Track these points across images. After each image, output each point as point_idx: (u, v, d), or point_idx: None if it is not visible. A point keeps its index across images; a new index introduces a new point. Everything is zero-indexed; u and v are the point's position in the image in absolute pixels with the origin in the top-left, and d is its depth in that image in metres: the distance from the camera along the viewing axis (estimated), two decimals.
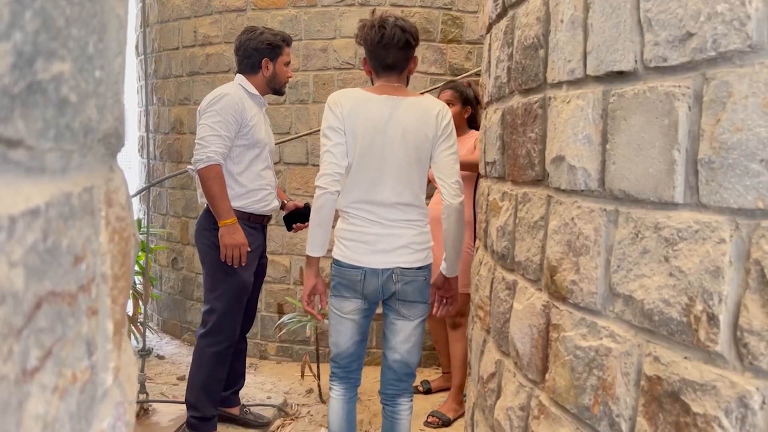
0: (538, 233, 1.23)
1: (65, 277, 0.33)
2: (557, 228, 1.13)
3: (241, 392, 3.03)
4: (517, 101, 1.36)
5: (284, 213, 2.96)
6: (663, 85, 0.86)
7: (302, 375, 3.57)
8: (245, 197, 2.66)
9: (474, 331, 1.75)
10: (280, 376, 3.78)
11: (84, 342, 0.36)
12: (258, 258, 2.79)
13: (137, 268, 3.48)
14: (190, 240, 4.20)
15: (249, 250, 2.61)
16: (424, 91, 3.64)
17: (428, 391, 3.54)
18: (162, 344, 4.41)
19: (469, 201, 3.18)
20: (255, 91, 2.71)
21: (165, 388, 3.41)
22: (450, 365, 3.32)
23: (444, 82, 3.41)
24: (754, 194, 0.73)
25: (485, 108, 1.75)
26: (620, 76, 0.95)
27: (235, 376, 2.92)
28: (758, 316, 0.71)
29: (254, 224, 2.72)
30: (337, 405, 2.26)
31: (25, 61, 0.28)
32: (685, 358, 0.81)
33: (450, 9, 3.87)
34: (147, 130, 4.01)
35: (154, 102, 4.62)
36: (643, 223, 0.90)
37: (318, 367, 3.37)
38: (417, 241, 2.14)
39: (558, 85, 1.15)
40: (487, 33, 1.69)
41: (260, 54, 2.70)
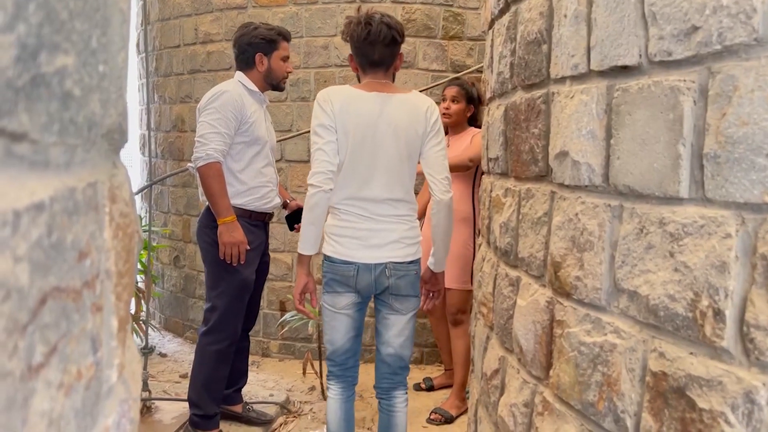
0: (542, 229, 1.23)
1: (70, 273, 0.32)
2: (561, 224, 1.13)
3: (244, 390, 3.03)
4: (520, 97, 1.35)
5: (286, 213, 2.95)
6: (668, 80, 0.85)
7: (304, 372, 3.57)
8: (246, 194, 2.65)
9: (477, 328, 1.74)
10: (283, 374, 3.78)
11: (89, 338, 0.35)
12: (260, 256, 2.78)
13: (139, 266, 3.48)
14: (192, 238, 4.21)
15: (249, 249, 2.60)
16: (425, 88, 3.64)
17: (431, 389, 3.54)
18: (164, 342, 4.42)
19: (467, 197, 3.17)
20: (254, 88, 2.69)
21: (168, 386, 3.41)
22: (452, 362, 3.32)
23: (448, 79, 3.40)
24: (761, 188, 0.72)
25: (488, 104, 1.74)
26: (624, 71, 0.95)
27: (238, 374, 2.92)
28: (765, 311, 0.71)
29: (256, 222, 2.71)
30: (335, 405, 2.26)
31: (29, 54, 0.28)
32: (691, 354, 0.80)
33: (451, 5, 3.86)
34: (148, 128, 4.00)
35: (156, 100, 4.61)
36: (648, 219, 0.89)
37: (320, 365, 3.37)
38: (408, 236, 2.17)
39: (561, 81, 1.14)
40: (490, 29, 1.68)
41: (254, 49, 2.68)
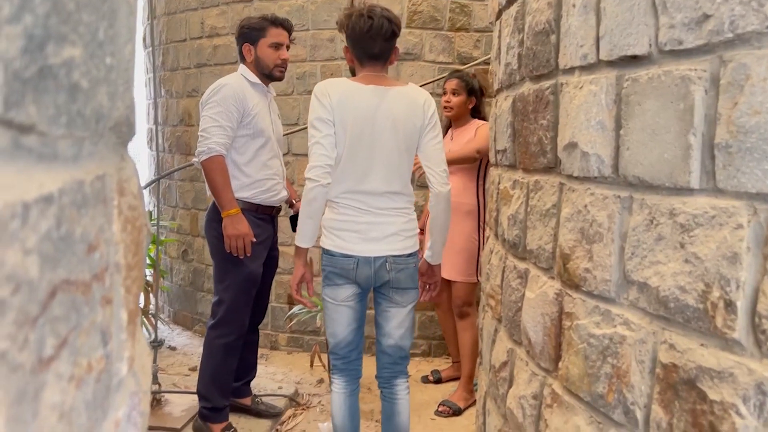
0: (551, 221, 1.22)
1: (79, 266, 0.32)
2: (570, 215, 1.12)
3: (253, 383, 3.05)
4: (528, 88, 1.34)
5: (291, 213, 2.93)
6: (678, 69, 0.84)
7: (311, 365, 3.58)
8: (251, 187, 2.65)
9: (485, 320, 1.74)
10: (291, 367, 3.79)
11: (99, 331, 0.35)
12: (268, 249, 2.78)
13: (148, 261, 3.50)
14: (200, 232, 4.22)
15: (254, 241, 2.60)
16: (427, 82, 3.62)
17: (438, 381, 3.54)
18: (173, 335, 4.44)
19: (472, 190, 3.16)
20: (256, 80, 2.68)
21: (177, 379, 3.43)
22: (459, 354, 3.32)
23: (448, 74, 3.39)
24: None
25: (495, 95, 1.73)
26: (634, 61, 0.94)
27: (247, 367, 2.93)
28: None
29: (262, 215, 2.71)
30: (339, 399, 2.26)
31: (36, 45, 0.28)
32: (702, 345, 0.80)
33: None
34: (156, 123, 4.02)
35: (162, 94, 4.62)
36: (658, 210, 0.88)
37: (328, 357, 3.38)
38: (406, 228, 2.18)
39: (570, 71, 1.13)
40: (497, 20, 1.67)
41: (241, 40, 2.69)
